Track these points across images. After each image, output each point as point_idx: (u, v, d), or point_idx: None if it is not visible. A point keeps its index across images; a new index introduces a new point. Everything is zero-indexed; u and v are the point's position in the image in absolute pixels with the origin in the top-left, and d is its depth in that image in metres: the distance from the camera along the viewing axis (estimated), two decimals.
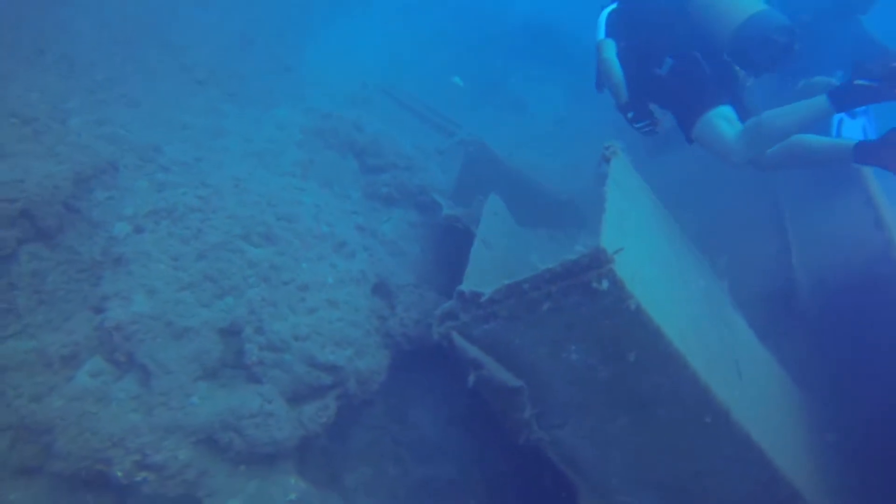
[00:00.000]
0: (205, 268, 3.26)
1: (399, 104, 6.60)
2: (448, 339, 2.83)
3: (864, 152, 2.67)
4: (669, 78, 3.20)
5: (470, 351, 2.77)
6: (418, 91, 7.07)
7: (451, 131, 6.28)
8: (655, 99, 3.42)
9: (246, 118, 5.04)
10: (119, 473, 2.71)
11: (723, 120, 3.04)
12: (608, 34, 3.47)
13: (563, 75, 8.68)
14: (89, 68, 4.58)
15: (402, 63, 7.75)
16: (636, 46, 3.38)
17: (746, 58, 3.00)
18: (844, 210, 4.64)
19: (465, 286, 2.80)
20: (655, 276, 2.58)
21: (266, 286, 3.29)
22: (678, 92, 3.19)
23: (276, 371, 3.08)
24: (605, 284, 2.26)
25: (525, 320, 2.61)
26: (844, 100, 2.65)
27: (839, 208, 4.72)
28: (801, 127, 2.82)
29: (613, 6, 3.61)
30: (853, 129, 4.09)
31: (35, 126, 3.65)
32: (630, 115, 3.38)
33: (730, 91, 3.18)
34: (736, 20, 2.94)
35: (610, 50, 3.38)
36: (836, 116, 3.99)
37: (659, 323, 2.36)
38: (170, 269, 3.20)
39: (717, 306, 3.08)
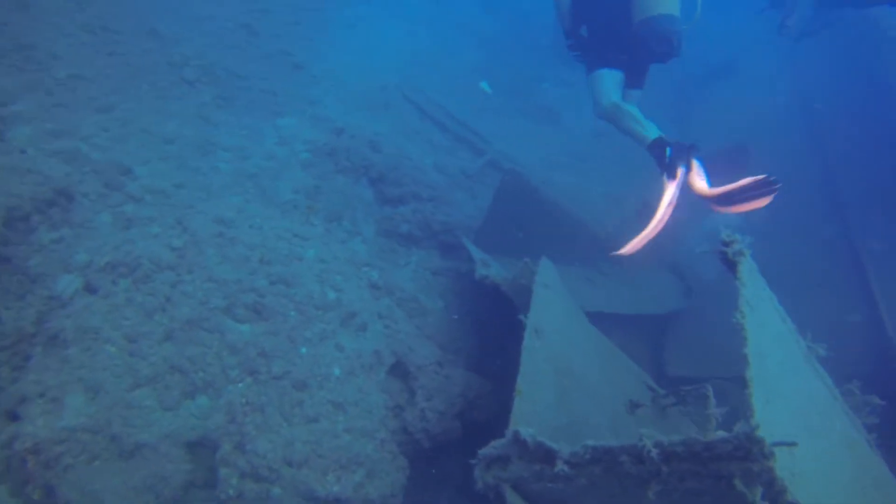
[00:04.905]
0: (171, 354, 2.47)
1: (421, 112, 5.75)
2: (496, 493, 2.08)
3: (655, 147, 3.09)
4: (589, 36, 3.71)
5: None
6: (442, 95, 6.20)
7: (479, 149, 5.45)
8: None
9: (243, 129, 4.20)
10: None
11: (608, 82, 3.55)
12: None
13: None
14: (51, 61, 3.74)
15: (424, 62, 6.85)
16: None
17: (640, 48, 3.37)
18: None
19: (522, 425, 2.02)
20: (809, 448, 1.80)
21: (252, 382, 2.51)
22: (593, 48, 3.69)
23: None
24: (756, 491, 1.49)
25: (612, 492, 1.85)
26: (653, 153, 3.12)
27: None
28: (631, 134, 3.29)
29: None
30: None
31: None
32: (570, 42, 3.82)
33: (628, 62, 3.61)
34: (637, 16, 3.29)
35: None
36: None
37: None
38: (123, 353, 2.42)
39: (860, 453, 2.29)
